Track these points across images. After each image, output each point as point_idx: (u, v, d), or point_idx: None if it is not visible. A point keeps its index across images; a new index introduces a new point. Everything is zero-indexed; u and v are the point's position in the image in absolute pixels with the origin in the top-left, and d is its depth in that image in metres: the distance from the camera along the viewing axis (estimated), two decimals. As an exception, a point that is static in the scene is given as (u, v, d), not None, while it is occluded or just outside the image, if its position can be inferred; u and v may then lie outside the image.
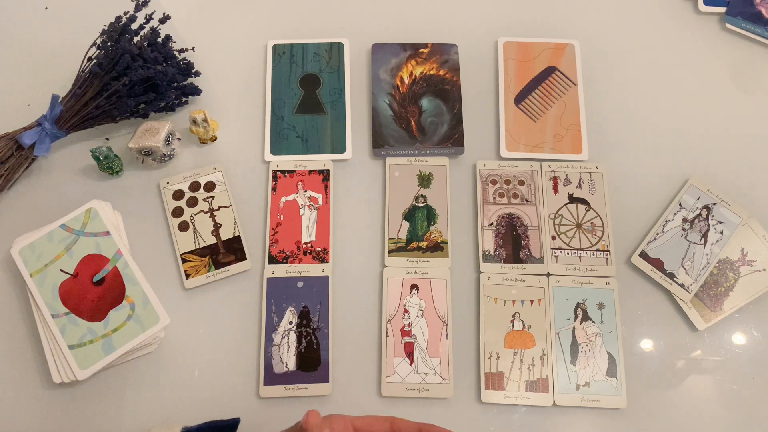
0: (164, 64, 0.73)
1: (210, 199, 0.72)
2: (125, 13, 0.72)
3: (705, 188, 0.73)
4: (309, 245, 0.70)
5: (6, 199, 0.72)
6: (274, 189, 0.72)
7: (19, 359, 0.65)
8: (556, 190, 0.73)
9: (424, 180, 0.73)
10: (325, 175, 0.73)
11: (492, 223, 0.71)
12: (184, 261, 0.69)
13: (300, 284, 0.68)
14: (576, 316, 0.68)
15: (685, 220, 0.71)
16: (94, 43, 0.71)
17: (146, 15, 0.73)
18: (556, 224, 0.71)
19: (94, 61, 0.70)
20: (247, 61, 0.79)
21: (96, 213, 0.67)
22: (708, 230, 0.71)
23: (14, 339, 0.66)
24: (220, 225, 0.70)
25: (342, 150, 0.74)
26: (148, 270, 0.67)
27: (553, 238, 0.71)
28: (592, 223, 0.72)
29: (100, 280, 0.65)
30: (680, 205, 0.72)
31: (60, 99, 0.71)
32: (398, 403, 0.65)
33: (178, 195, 0.72)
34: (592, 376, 0.65)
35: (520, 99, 0.77)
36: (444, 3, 0.83)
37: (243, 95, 0.77)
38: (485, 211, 0.72)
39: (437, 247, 0.70)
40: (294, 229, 0.71)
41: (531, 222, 0.71)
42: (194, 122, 0.71)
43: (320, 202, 0.72)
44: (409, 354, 0.66)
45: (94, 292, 0.65)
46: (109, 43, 0.71)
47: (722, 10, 0.82)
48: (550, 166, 0.74)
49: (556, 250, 0.70)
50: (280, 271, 0.69)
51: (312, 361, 0.65)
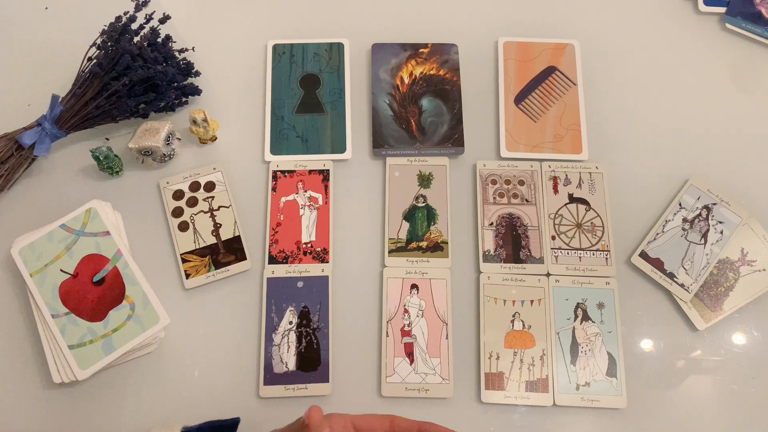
0: (164, 64, 0.73)
1: (210, 199, 0.72)
2: (125, 13, 0.72)
3: (705, 188, 0.73)
4: (309, 245, 0.70)
5: (6, 199, 0.72)
6: (274, 189, 0.72)
7: (19, 359, 0.65)
8: (556, 190, 0.73)
9: (424, 180, 0.73)
10: (325, 175, 0.73)
11: (492, 223, 0.71)
12: (184, 261, 0.69)
13: (300, 284, 0.68)
14: (576, 316, 0.68)
15: (685, 220, 0.71)
16: (94, 43, 0.71)
17: (146, 15, 0.73)
18: (556, 224, 0.71)
19: (94, 61, 0.70)
20: (247, 61, 0.79)
21: (96, 213, 0.67)
22: (708, 230, 0.71)
23: (14, 339, 0.66)
24: (220, 225, 0.70)
25: (342, 150, 0.74)
26: (148, 270, 0.67)
27: (553, 238, 0.71)
28: (592, 223, 0.72)
29: (100, 280, 0.65)
30: (680, 205, 0.72)
31: (60, 99, 0.71)
32: (398, 403, 0.65)
33: (178, 195, 0.72)
34: (592, 376, 0.65)
35: (520, 99, 0.77)
36: (444, 3, 0.83)
37: (243, 95, 0.77)
38: (485, 211, 0.72)
39: (437, 247, 0.70)
40: (294, 229, 0.71)
41: (531, 222, 0.71)
42: (194, 122, 0.71)
43: (320, 202, 0.72)
44: (409, 354, 0.66)
45: (94, 292, 0.65)
46: (109, 43, 0.71)
47: (722, 10, 0.82)
48: (550, 166, 0.74)
49: (556, 250, 0.70)
50: (280, 271, 0.69)
51: (312, 361, 0.65)
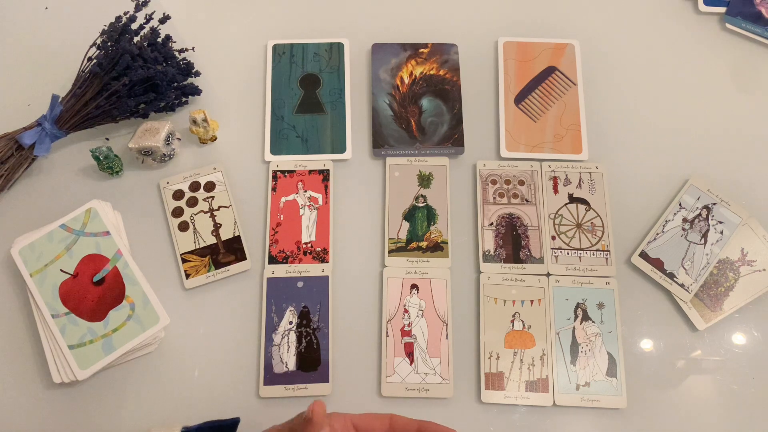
0: (164, 64, 0.73)
1: (210, 199, 0.71)
2: (125, 13, 0.72)
3: (705, 188, 0.73)
4: (309, 245, 0.70)
5: (6, 199, 0.72)
6: (274, 189, 0.72)
7: (19, 359, 0.65)
8: (556, 190, 0.73)
9: (424, 180, 0.73)
10: (325, 175, 0.73)
11: (492, 223, 0.71)
12: (184, 261, 0.69)
13: (300, 284, 0.68)
14: (576, 316, 0.68)
15: (685, 220, 0.71)
16: (94, 43, 0.71)
17: (146, 15, 0.73)
18: (556, 224, 0.71)
19: (94, 61, 0.70)
20: (247, 61, 0.79)
21: (96, 213, 0.67)
22: (708, 230, 0.71)
23: (14, 339, 0.66)
24: (220, 225, 0.70)
25: (342, 150, 0.74)
26: (148, 270, 0.67)
27: (553, 238, 0.71)
28: (592, 223, 0.72)
29: (100, 280, 0.65)
30: (680, 205, 0.72)
31: (60, 99, 0.71)
32: (398, 403, 0.65)
33: (178, 195, 0.72)
34: (592, 376, 0.65)
35: (520, 99, 0.77)
36: (444, 3, 0.83)
37: (243, 95, 0.77)
38: (485, 211, 0.72)
39: (437, 247, 0.70)
40: (294, 229, 0.71)
41: (531, 222, 0.71)
42: (194, 122, 0.71)
43: (320, 202, 0.72)
44: (409, 354, 0.66)
45: (94, 292, 0.65)
46: (109, 43, 0.71)
47: (722, 10, 0.82)
48: (550, 166, 0.74)
49: (556, 250, 0.70)
50: (280, 271, 0.69)
51: (312, 361, 0.65)
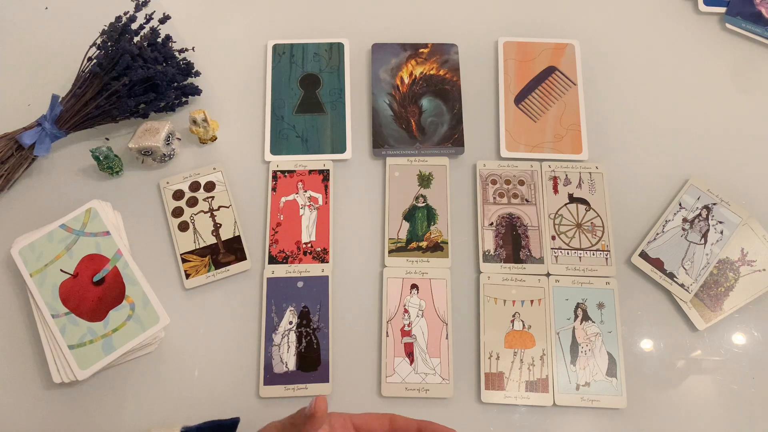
0: (164, 64, 0.73)
1: (210, 199, 0.71)
2: (125, 13, 0.72)
3: (705, 188, 0.73)
4: (309, 245, 0.70)
5: (6, 199, 0.72)
6: (274, 189, 0.72)
7: (19, 359, 0.65)
8: (556, 190, 0.73)
9: (424, 180, 0.73)
10: (325, 175, 0.73)
11: (492, 223, 0.71)
12: (184, 261, 0.69)
13: (300, 284, 0.68)
14: (576, 316, 0.68)
15: (685, 220, 0.71)
16: (94, 43, 0.71)
17: (146, 15, 0.73)
18: (556, 224, 0.71)
19: (94, 61, 0.70)
20: (247, 61, 0.79)
21: (96, 213, 0.67)
22: (708, 230, 0.71)
23: (14, 339, 0.66)
24: (220, 225, 0.70)
25: (342, 150, 0.74)
26: (148, 270, 0.67)
27: (553, 238, 0.71)
28: (592, 223, 0.72)
29: (100, 280, 0.65)
30: (680, 205, 0.72)
31: (60, 99, 0.71)
32: (398, 403, 0.65)
33: (178, 195, 0.72)
34: (592, 376, 0.65)
35: (520, 99, 0.77)
36: (444, 3, 0.83)
37: (243, 95, 0.77)
38: (485, 211, 0.72)
39: (437, 247, 0.70)
40: (294, 229, 0.71)
41: (531, 222, 0.71)
42: (194, 122, 0.71)
43: (320, 202, 0.72)
44: (409, 354, 0.66)
45: (94, 292, 0.65)
46: (109, 43, 0.71)
47: (722, 10, 0.82)
48: (550, 166, 0.74)
49: (556, 250, 0.70)
50: (280, 271, 0.69)
51: (312, 361, 0.65)
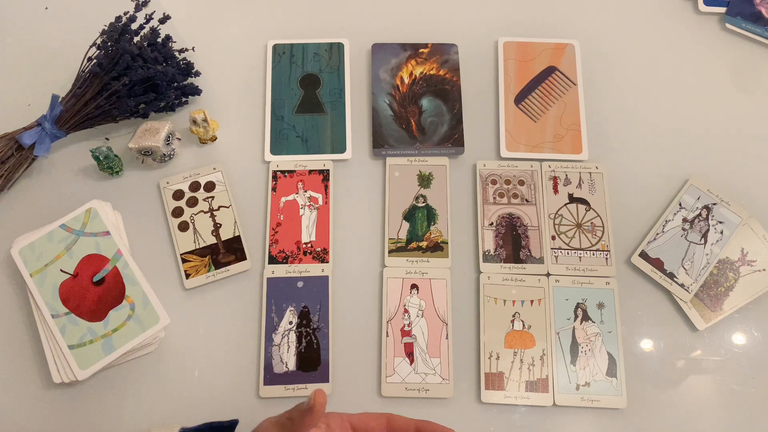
0: (164, 64, 0.73)
1: (210, 199, 0.71)
2: (125, 13, 0.72)
3: (705, 188, 0.73)
4: (309, 245, 0.70)
5: (6, 199, 0.72)
6: (274, 189, 0.72)
7: (19, 359, 0.65)
8: (556, 190, 0.73)
9: (424, 180, 0.73)
10: (325, 175, 0.73)
11: (492, 223, 0.71)
12: (184, 261, 0.69)
13: (300, 284, 0.68)
14: (576, 316, 0.68)
15: (685, 220, 0.71)
16: (94, 43, 0.71)
17: (146, 15, 0.73)
18: (556, 224, 0.71)
19: (94, 61, 0.70)
20: (247, 61, 0.79)
21: (96, 213, 0.67)
22: (708, 230, 0.71)
23: (14, 339, 0.66)
24: (220, 225, 0.70)
25: (342, 150, 0.74)
26: (148, 270, 0.67)
27: (553, 238, 0.71)
28: (592, 223, 0.72)
29: (100, 280, 0.65)
30: (680, 205, 0.72)
31: (60, 99, 0.71)
32: (398, 403, 0.65)
33: (178, 195, 0.72)
34: (592, 376, 0.65)
35: (520, 99, 0.77)
36: (444, 3, 0.83)
37: (243, 95, 0.77)
38: (485, 211, 0.72)
39: (437, 247, 0.70)
40: (294, 229, 0.71)
41: (531, 222, 0.71)
42: (194, 122, 0.71)
43: (320, 202, 0.72)
44: (409, 354, 0.66)
45: (94, 292, 0.65)
46: (109, 43, 0.71)
47: (722, 10, 0.82)
48: (550, 166, 0.74)
49: (556, 250, 0.70)
50: (280, 271, 0.69)
51: (312, 361, 0.65)
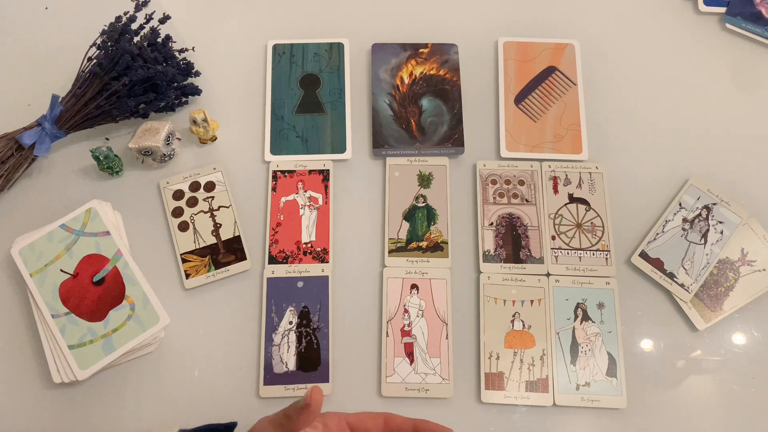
0: (164, 64, 0.73)
1: (210, 199, 0.71)
2: (125, 13, 0.72)
3: (705, 188, 0.73)
4: (309, 245, 0.70)
5: (6, 199, 0.72)
6: (274, 189, 0.72)
7: (19, 359, 0.65)
8: (556, 190, 0.73)
9: (424, 180, 0.73)
10: (325, 175, 0.73)
11: (492, 223, 0.71)
12: (184, 261, 0.69)
13: (300, 284, 0.68)
14: (576, 316, 0.68)
15: (685, 220, 0.71)
16: (94, 43, 0.71)
17: (146, 15, 0.73)
18: (556, 224, 0.71)
19: (94, 61, 0.70)
20: (247, 61, 0.79)
21: (96, 213, 0.67)
22: (708, 230, 0.71)
23: (14, 339, 0.66)
24: (220, 225, 0.70)
25: (342, 150, 0.74)
26: (148, 270, 0.67)
27: (553, 238, 0.71)
28: (592, 223, 0.72)
29: (100, 280, 0.65)
30: (680, 205, 0.72)
31: (60, 99, 0.71)
32: (398, 403, 0.65)
33: (178, 195, 0.72)
34: (592, 376, 0.65)
35: (520, 99, 0.77)
36: (444, 3, 0.83)
37: (243, 95, 0.77)
38: (485, 211, 0.72)
39: (437, 247, 0.70)
40: (294, 229, 0.71)
41: (531, 222, 0.71)
42: (194, 122, 0.71)
43: (320, 202, 0.72)
44: (409, 354, 0.66)
45: (94, 292, 0.65)
46: (109, 43, 0.71)
47: (722, 10, 0.82)
48: (550, 166, 0.74)
49: (556, 250, 0.70)
50: (280, 271, 0.69)
51: (312, 361, 0.65)
